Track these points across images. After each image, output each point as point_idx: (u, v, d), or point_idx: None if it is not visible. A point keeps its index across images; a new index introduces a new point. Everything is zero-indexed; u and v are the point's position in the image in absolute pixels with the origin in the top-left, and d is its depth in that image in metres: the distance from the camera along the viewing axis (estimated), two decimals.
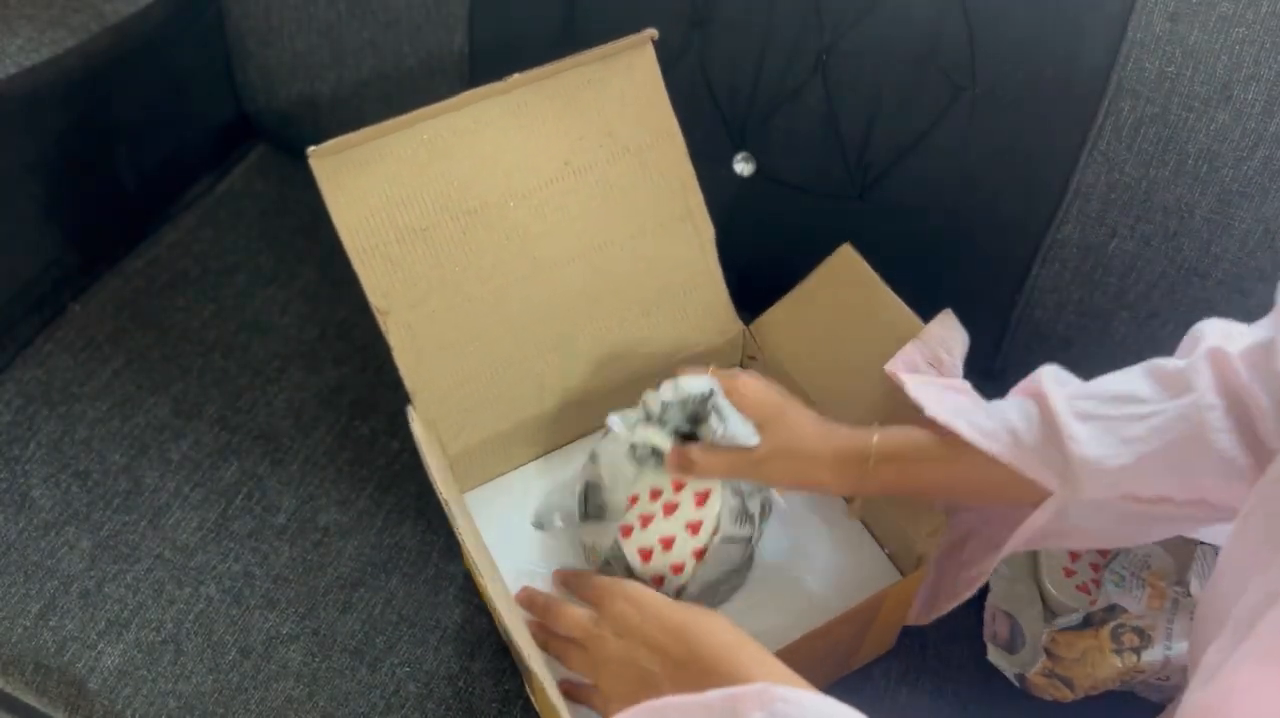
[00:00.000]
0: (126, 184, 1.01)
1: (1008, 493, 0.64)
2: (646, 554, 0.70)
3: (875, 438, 0.66)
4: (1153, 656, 0.69)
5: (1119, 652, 0.70)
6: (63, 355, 0.91)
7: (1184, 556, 0.75)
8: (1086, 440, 0.60)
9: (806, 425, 0.68)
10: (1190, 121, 0.77)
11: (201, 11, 1.02)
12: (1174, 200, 0.79)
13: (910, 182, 0.86)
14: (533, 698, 0.72)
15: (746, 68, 0.87)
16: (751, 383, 0.69)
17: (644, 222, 0.80)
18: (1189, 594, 0.72)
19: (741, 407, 0.69)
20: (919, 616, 0.74)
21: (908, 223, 0.87)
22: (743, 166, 0.90)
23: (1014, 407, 0.65)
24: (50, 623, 0.76)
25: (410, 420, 0.73)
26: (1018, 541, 0.66)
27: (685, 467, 0.69)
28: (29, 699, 0.75)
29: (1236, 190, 0.78)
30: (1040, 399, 0.63)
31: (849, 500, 0.79)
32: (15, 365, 0.90)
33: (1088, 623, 0.72)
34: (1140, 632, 0.70)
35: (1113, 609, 0.71)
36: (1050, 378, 0.64)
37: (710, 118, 0.89)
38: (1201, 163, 0.78)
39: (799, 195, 0.89)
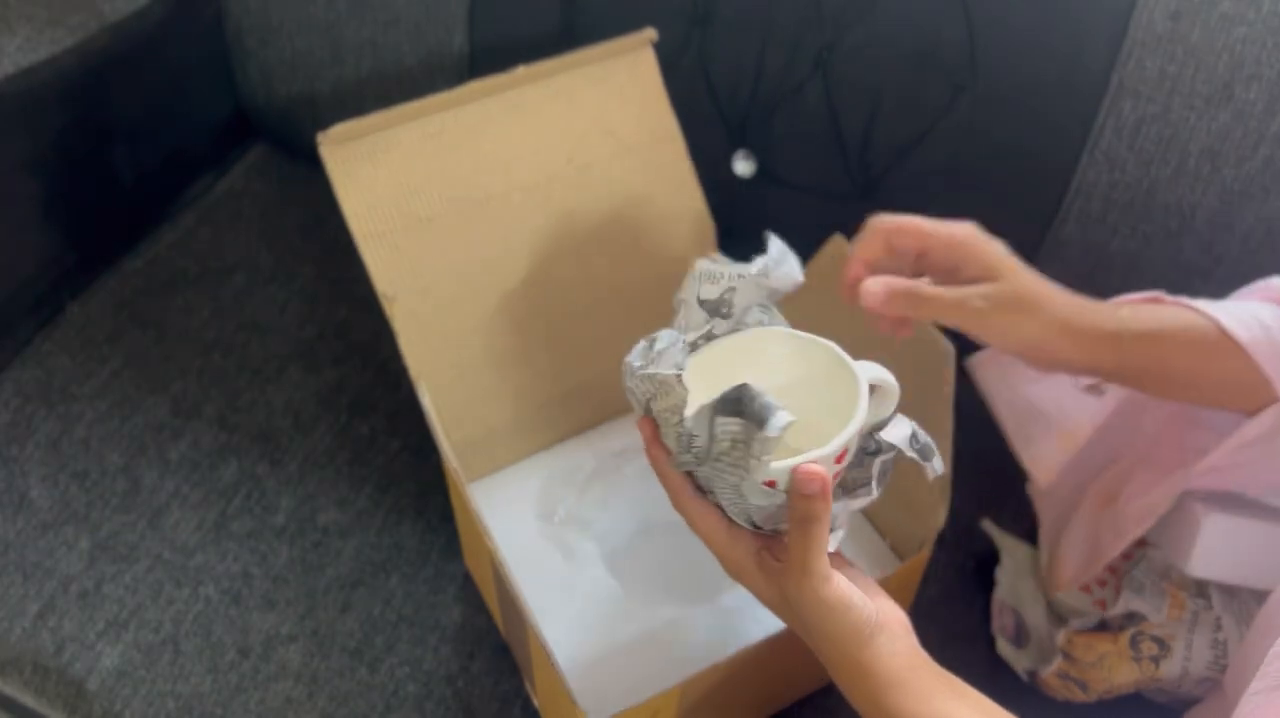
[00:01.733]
0: (125, 183, 1.00)
1: (1238, 395, 0.60)
2: None
3: (1125, 312, 0.60)
4: (1171, 668, 0.69)
5: (1137, 660, 0.69)
6: (61, 355, 0.91)
7: None
8: None
9: (1044, 284, 0.59)
10: (1192, 121, 0.77)
11: (201, 10, 1.02)
12: (1175, 200, 0.79)
13: (911, 180, 0.86)
14: (533, 697, 0.72)
15: (747, 67, 0.86)
16: (972, 230, 0.60)
17: (645, 220, 0.81)
18: (1210, 607, 0.71)
19: (963, 251, 0.59)
20: (1078, 575, 0.71)
21: None
22: (743, 166, 0.90)
23: (1261, 307, 0.61)
24: (49, 624, 0.76)
25: (420, 394, 0.73)
26: (1219, 455, 0.62)
27: (910, 301, 0.59)
28: (27, 700, 0.75)
29: (1238, 190, 0.78)
30: None
31: (1094, 386, 0.69)
32: (13, 365, 0.90)
33: (1104, 627, 0.72)
34: (1160, 641, 0.70)
35: (1132, 617, 0.71)
36: None
37: (710, 117, 0.89)
38: (1203, 162, 0.78)
39: (799, 194, 0.89)
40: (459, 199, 0.75)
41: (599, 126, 0.78)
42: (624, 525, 0.80)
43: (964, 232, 0.60)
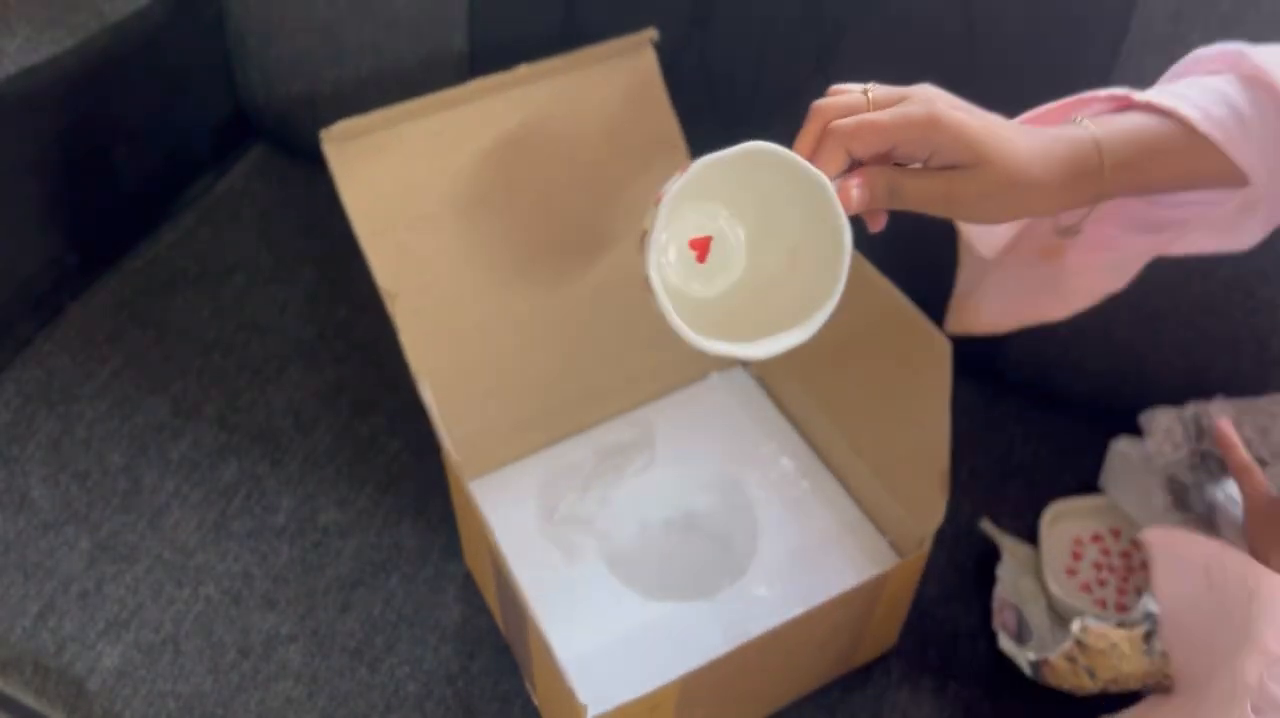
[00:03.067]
0: (125, 183, 1.00)
1: (1216, 183, 0.60)
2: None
3: (1100, 143, 0.58)
4: None
5: (1149, 653, 0.69)
6: (61, 355, 0.91)
7: None
8: None
9: (1023, 146, 0.57)
10: None
11: (201, 10, 1.02)
12: None
13: None
14: (533, 696, 0.72)
15: (747, 66, 0.87)
16: (934, 108, 0.56)
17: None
18: None
19: (936, 138, 0.56)
20: (996, 321, 0.71)
21: (909, 221, 0.87)
22: None
23: (1227, 84, 0.59)
24: (49, 624, 0.76)
25: (421, 391, 0.73)
26: (1181, 245, 0.63)
27: (893, 198, 0.58)
28: (28, 700, 0.75)
29: None
30: (1258, 79, 0.58)
31: (1065, 228, 0.67)
32: (14, 365, 0.90)
33: (1121, 625, 0.72)
34: None
35: (1150, 616, 0.71)
36: (1264, 56, 0.59)
37: (710, 117, 0.89)
38: None
39: None
40: (461, 197, 0.75)
41: (599, 126, 0.78)
42: (624, 523, 0.80)
43: (928, 114, 0.56)
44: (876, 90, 0.58)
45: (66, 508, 0.81)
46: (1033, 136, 0.58)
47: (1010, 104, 0.81)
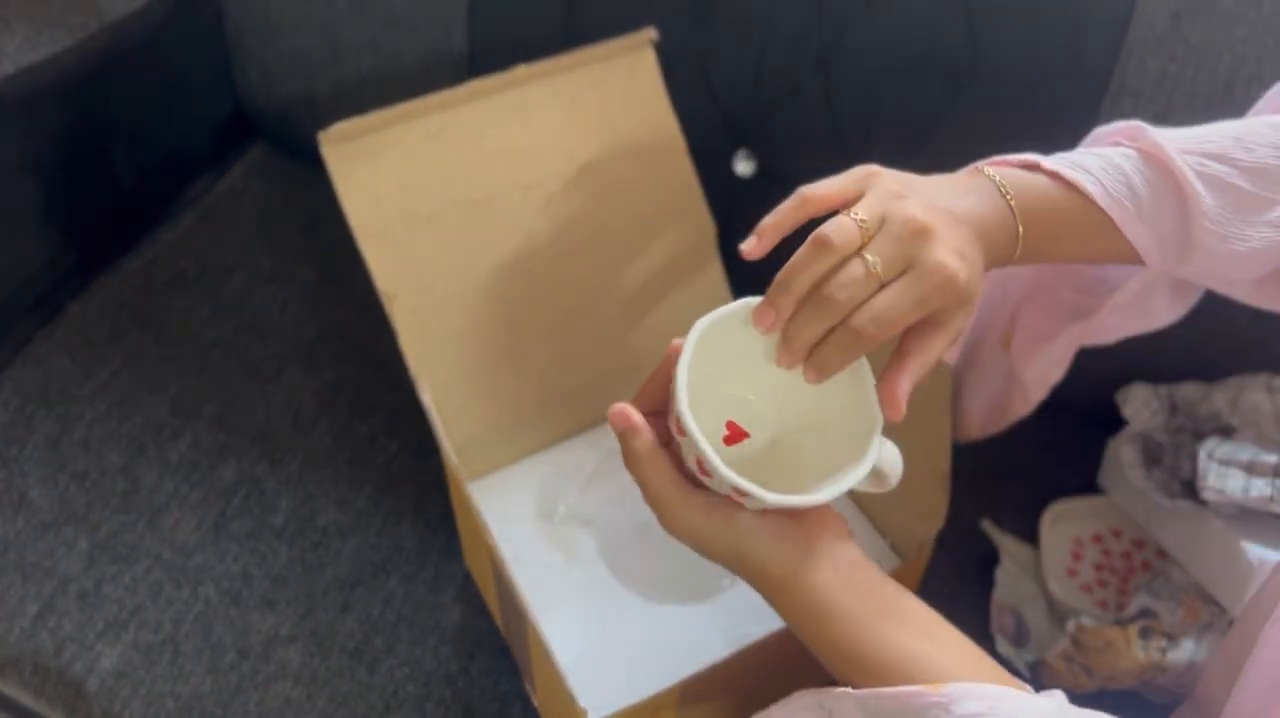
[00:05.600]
0: (124, 183, 1.00)
1: (1116, 259, 0.60)
2: None
3: (1017, 213, 0.57)
4: (1178, 656, 0.69)
5: (1145, 648, 0.69)
6: (60, 355, 0.91)
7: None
8: (1216, 217, 0.56)
9: (963, 233, 0.54)
10: (1192, 121, 0.76)
11: (201, 10, 1.02)
12: None
13: None
14: (532, 697, 0.72)
15: (747, 66, 0.86)
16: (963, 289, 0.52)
17: (645, 219, 0.81)
18: (1224, 613, 0.72)
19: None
20: (986, 425, 0.74)
21: None
22: (743, 165, 0.90)
23: (1123, 158, 0.59)
24: (48, 624, 0.76)
25: (420, 393, 0.73)
26: (1100, 318, 0.64)
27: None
28: (27, 701, 0.75)
29: None
30: (1155, 157, 0.58)
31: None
32: (13, 365, 0.90)
33: (1118, 623, 0.72)
34: (1170, 636, 0.70)
35: (1146, 612, 0.72)
36: (1162, 134, 0.58)
37: (710, 117, 0.89)
38: None
39: None
40: (460, 198, 0.75)
41: (599, 126, 0.78)
42: (624, 524, 0.79)
43: (954, 298, 0.52)
44: (879, 249, 0.52)
45: (65, 508, 0.81)
46: (966, 219, 0.55)
47: (1010, 104, 0.81)
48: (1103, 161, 0.58)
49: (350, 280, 0.95)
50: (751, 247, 0.56)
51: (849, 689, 0.48)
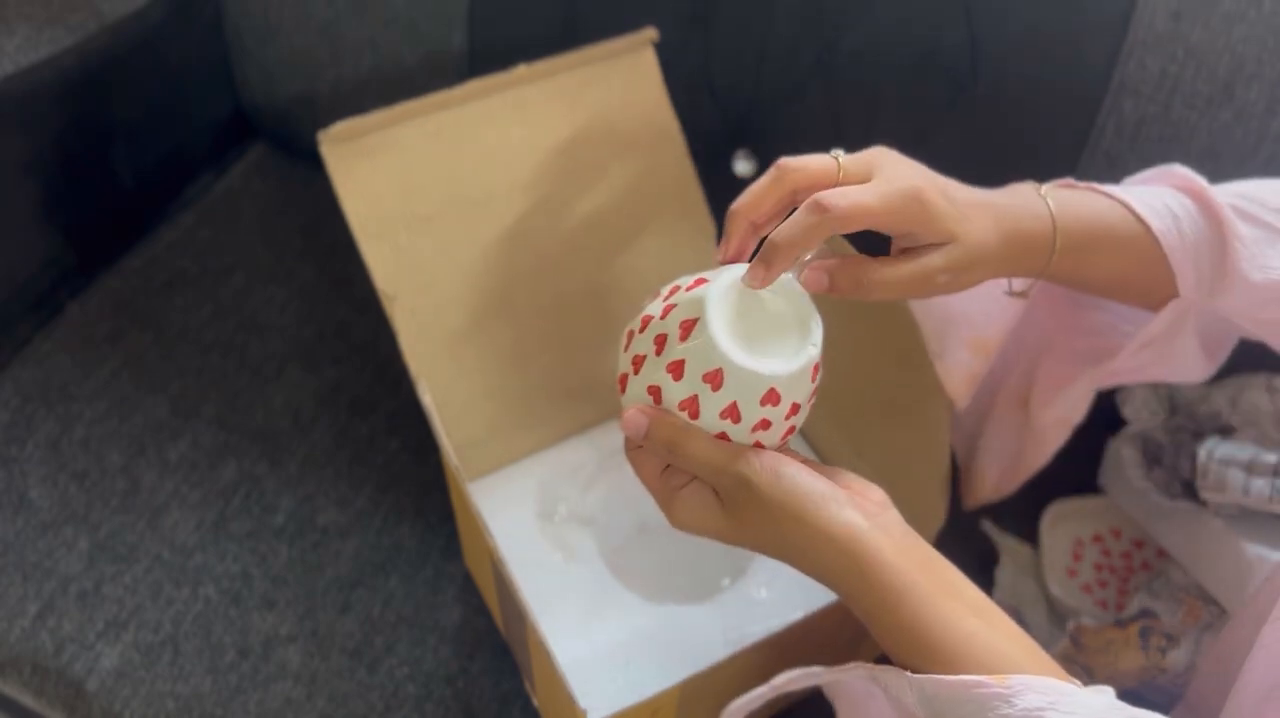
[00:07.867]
0: (124, 183, 1.00)
1: (1147, 290, 0.61)
2: None
3: (1057, 226, 0.57)
4: (1178, 657, 0.69)
5: (1145, 648, 0.69)
6: (60, 355, 0.91)
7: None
8: (1251, 246, 0.57)
9: (984, 230, 0.56)
10: (1193, 120, 0.77)
11: (200, 10, 1.02)
12: None
13: None
14: (533, 697, 0.72)
15: (747, 66, 0.86)
16: (910, 193, 0.53)
17: (645, 219, 0.81)
18: (1224, 613, 0.72)
19: (915, 226, 0.54)
20: (1000, 485, 0.73)
21: None
22: (743, 166, 0.90)
23: (1171, 196, 0.60)
24: (48, 624, 0.76)
25: (420, 393, 0.73)
26: (1124, 358, 0.63)
27: (860, 288, 0.55)
28: (27, 701, 0.75)
29: None
30: (1190, 189, 0.60)
31: (1017, 293, 0.66)
32: (13, 365, 0.90)
33: (1118, 624, 0.72)
34: (1170, 636, 0.70)
35: (1146, 612, 0.71)
36: (1193, 174, 0.60)
37: (710, 117, 0.89)
38: (1204, 162, 0.77)
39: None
40: (459, 198, 0.75)
41: (599, 126, 0.78)
42: (624, 524, 0.80)
43: (915, 199, 0.53)
44: (846, 159, 0.56)
45: (65, 508, 0.81)
46: (990, 211, 0.57)
47: (1011, 104, 0.81)
48: (1139, 189, 0.60)
49: (350, 280, 0.96)
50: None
51: (907, 673, 0.47)
